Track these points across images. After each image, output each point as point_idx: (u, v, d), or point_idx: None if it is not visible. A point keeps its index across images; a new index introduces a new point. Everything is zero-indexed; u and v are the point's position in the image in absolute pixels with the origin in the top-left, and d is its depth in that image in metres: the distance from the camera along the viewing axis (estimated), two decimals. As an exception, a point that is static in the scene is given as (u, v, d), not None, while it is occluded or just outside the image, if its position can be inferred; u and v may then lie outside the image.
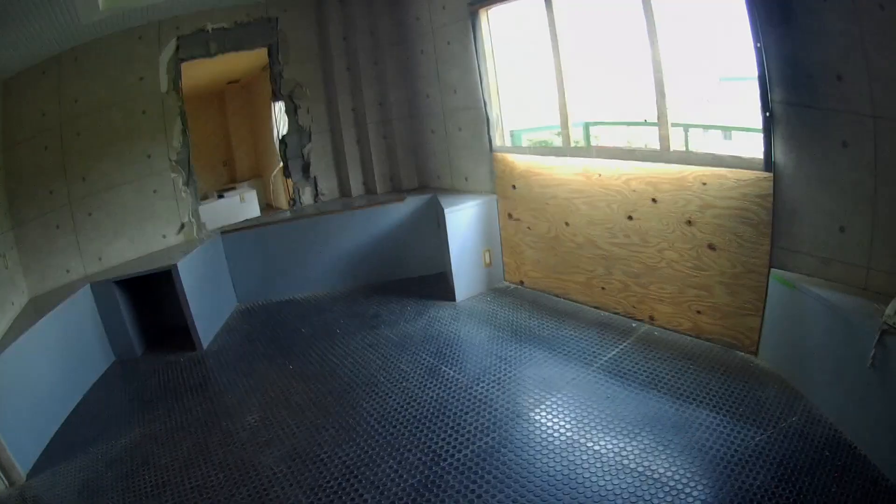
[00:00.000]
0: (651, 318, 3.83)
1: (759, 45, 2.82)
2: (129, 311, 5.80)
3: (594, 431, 2.84)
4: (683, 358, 3.43)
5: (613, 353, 3.61)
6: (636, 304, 4.06)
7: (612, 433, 2.81)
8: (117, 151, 6.12)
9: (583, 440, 2.80)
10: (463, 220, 5.09)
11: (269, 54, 6.44)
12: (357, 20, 6.25)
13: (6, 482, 4.14)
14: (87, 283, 5.68)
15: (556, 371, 3.51)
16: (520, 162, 4.82)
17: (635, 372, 3.31)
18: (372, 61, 6.27)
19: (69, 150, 5.96)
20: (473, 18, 5.00)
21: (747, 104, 3.45)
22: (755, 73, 2.93)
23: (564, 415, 3.03)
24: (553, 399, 3.19)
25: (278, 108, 8.51)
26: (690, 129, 5.25)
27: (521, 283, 5.15)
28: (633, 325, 3.97)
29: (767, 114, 2.86)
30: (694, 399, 2.99)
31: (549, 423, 2.99)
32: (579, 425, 2.92)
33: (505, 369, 3.67)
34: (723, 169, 3.20)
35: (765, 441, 2.57)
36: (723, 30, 3.88)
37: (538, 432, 2.95)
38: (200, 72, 7.23)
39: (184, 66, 6.32)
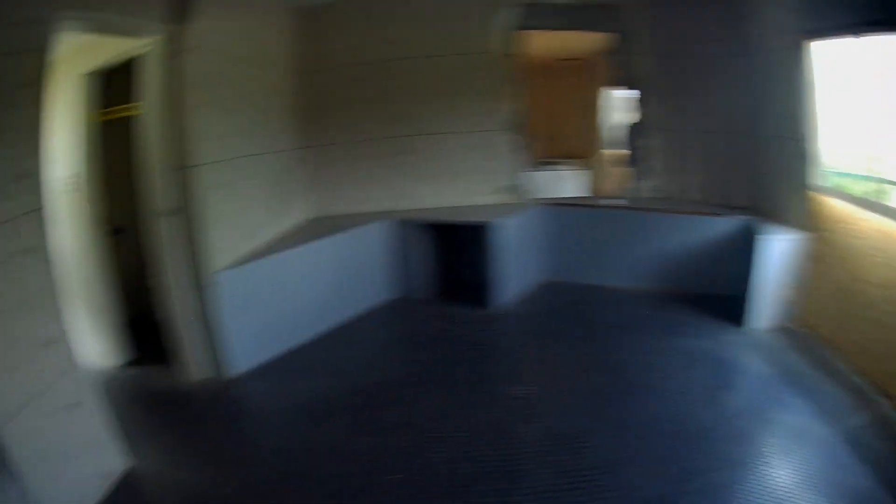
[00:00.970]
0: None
1: None
2: (429, 255, 7.15)
3: (810, 493, 3.47)
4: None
5: (857, 420, 4.09)
6: (889, 378, 4.31)
7: (824, 499, 3.41)
8: (449, 101, 7.35)
9: (798, 500, 3.42)
10: (774, 252, 5.62)
11: (616, 42, 7.43)
12: (695, 24, 6.94)
13: (212, 372, 5.40)
14: (391, 217, 7.01)
15: (808, 424, 4.07)
16: (831, 205, 5.25)
17: (867, 445, 3.80)
18: (710, 70, 6.96)
19: (389, 87, 7.33)
20: (801, 48, 5.42)
21: None
22: None
23: (798, 469, 3.65)
24: (797, 452, 3.79)
25: (613, 96, 9.41)
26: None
27: (805, 327, 5.55)
28: (879, 398, 4.30)
29: None
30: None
31: (783, 474, 3.60)
32: (804, 483, 3.53)
33: (768, 408, 4.27)
34: None
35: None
36: None
37: (770, 479, 3.58)
38: (535, 43, 8.16)
39: (522, 34, 7.26)
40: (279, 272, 5.83)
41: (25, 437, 3.41)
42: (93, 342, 5.86)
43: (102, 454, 4.06)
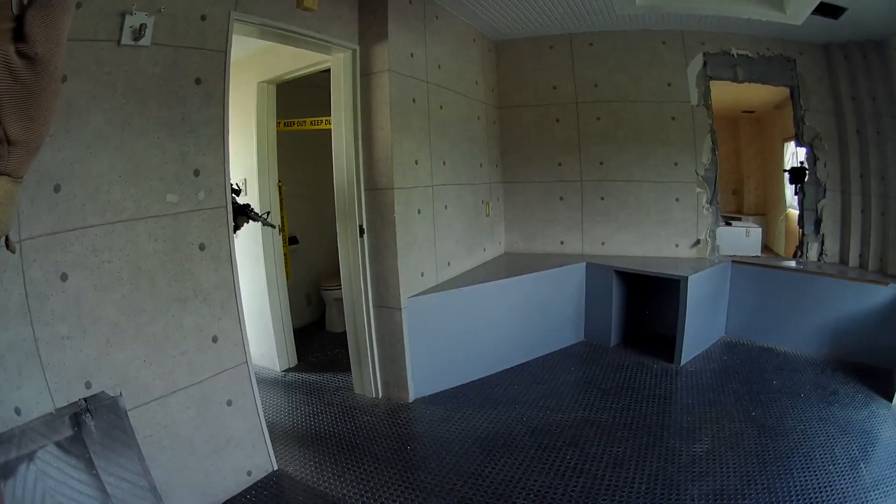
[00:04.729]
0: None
1: None
2: (618, 303, 7.76)
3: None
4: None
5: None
6: None
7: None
8: (643, 149, 8.13)
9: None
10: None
11: (791, 96, 7.96)
12: (860, 80, 7.51)
13: (382, 393, 6.09)
14: (583, 261, 7.80)
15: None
16: None
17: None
18: (875, 129, 7.46)
19: (584, 130, 8.23)
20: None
21: None
22: None
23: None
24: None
25: (791, 152, 9.88)
26: None
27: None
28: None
29: None
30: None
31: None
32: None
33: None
34: None
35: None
36: None
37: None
38: (718, 93, 8.50)
39: (711, 84, 7.74)
40: (469, 304, 6.56)
41: (165, 422, 3.93)
42: (260, 345, 6.86)
43: (249, 453, 4.62)
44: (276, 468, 4.83)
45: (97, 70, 3.54)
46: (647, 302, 8.26)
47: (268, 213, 6.12)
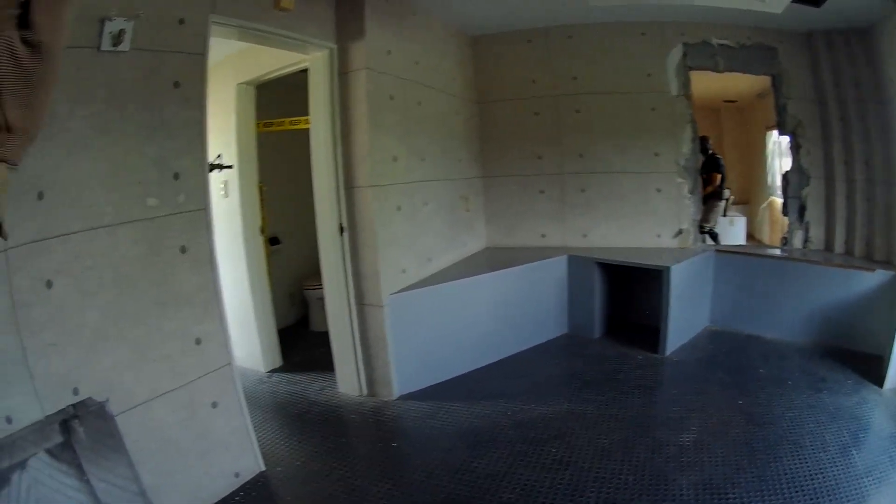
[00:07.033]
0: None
1: None
2: (601, 295, 7.97)
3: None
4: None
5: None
6: None
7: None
8: (623, 140, 8.31)
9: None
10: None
11: (773, 85, 8.13)
12: (844, 68, 7.58)
13: (366, 391, 6.33)
14: (564, 253, 7.99)
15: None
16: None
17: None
18: (859, 115, 7.51)
19: (564, 123, 8.40)
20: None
21: None
22: None
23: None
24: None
25: (773, 141, 10.26)
26: None
27: (907, 387, 5.62)
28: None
29: None
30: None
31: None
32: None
33: (890, 469, 4.73)
34: None
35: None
36: None
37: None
38: (699, 83, 8.67)
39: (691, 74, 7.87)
40: (451, 300, 6.74)
41: (151, 426, 4.01)
42: (244, 346, 6.90)
43: (236, 454, 4.73)
44: (263, 469, 4.92)
45: (77, 76, 3.58)
46: (631, 293, 8.42)
47: (218, 155, 6.34)
